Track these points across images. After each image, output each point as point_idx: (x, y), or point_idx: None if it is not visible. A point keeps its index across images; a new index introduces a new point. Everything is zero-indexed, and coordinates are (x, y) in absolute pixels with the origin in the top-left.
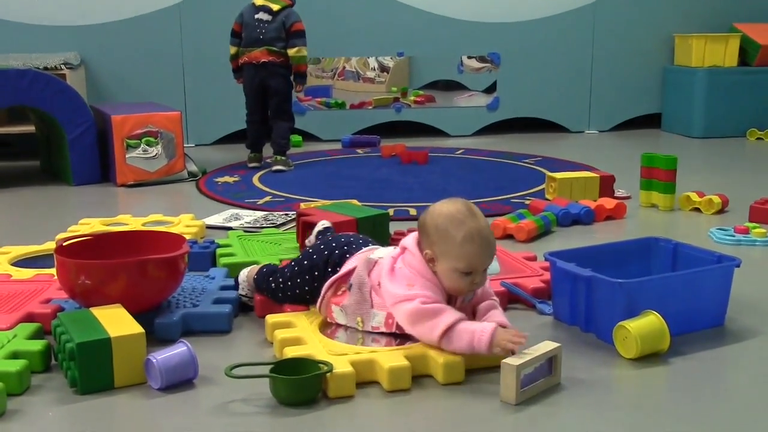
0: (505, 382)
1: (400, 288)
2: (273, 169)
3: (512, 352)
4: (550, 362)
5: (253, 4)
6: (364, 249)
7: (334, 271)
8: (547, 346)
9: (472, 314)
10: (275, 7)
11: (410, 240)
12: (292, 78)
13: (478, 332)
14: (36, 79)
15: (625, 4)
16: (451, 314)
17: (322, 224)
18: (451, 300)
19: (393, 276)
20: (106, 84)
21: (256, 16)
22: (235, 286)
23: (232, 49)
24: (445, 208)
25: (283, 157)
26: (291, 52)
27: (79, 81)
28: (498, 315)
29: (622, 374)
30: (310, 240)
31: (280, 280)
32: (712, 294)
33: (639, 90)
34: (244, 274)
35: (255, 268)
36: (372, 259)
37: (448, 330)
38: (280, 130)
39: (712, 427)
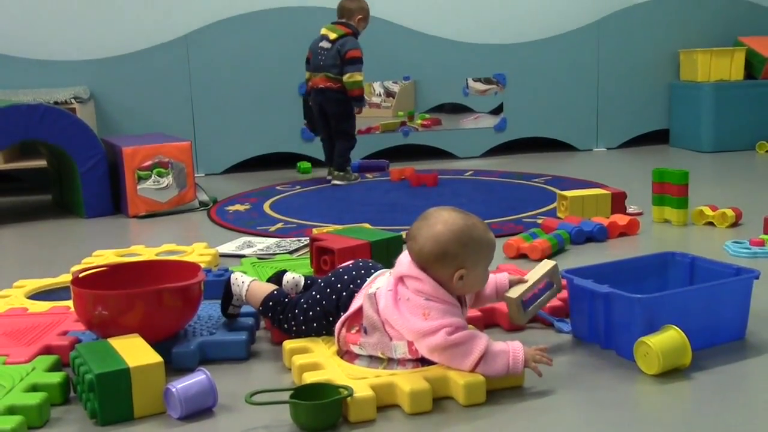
0: (510, 311)
1: (415, 321)
2: (331, 183)
3: (540, 374)
4: (550, 279)
5: (321, 33)
6: (368, 280)
7: (346, 311)
8: (544, 267)
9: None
10: (333, 35)
11: (406, 268)
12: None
13: (512, 353)
14: (47, 114)
15: (629, 21)
16: (480, 340)
17: (294, 279)
18: (461, 302)
19: (400, 310)
20: (116, 116)
21: (320, 45)
22: (226, 293)
23: (306, 75)
24: (452, 222)
25: (340, 173)
26: (344, 78)
27: (89, 114)
28: (503, 277)
29: (645, 390)
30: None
31: (293, 323)
32: (732, 307)
33: (646, 106)
34: (241, 288)
35: (257, 289)
36: (371, 293)
37: (483, 356)
38: (339, 149)
39: None
